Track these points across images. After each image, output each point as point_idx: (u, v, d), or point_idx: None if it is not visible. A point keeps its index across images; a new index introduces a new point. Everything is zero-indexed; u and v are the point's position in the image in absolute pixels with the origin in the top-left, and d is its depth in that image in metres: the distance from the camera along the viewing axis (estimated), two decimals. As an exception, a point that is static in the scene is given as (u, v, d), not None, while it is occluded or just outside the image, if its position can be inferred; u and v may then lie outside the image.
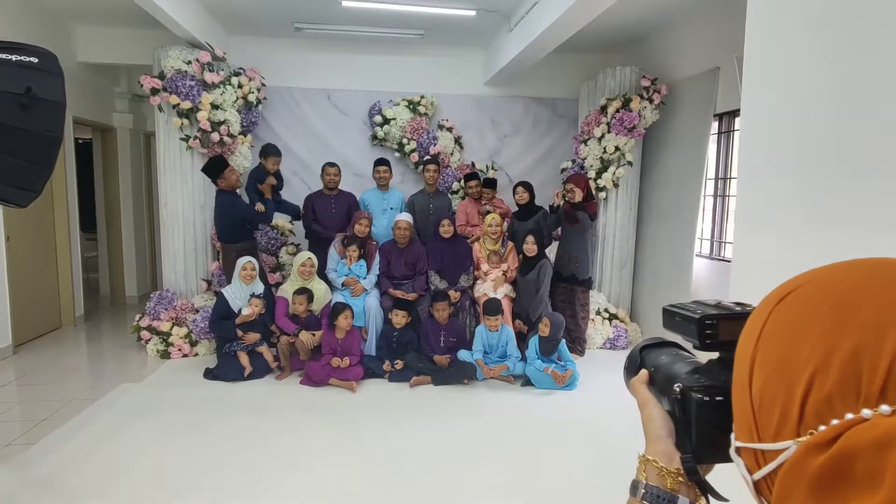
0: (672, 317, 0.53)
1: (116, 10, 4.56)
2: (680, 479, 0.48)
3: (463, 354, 3.95)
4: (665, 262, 4.71)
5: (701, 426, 0.47)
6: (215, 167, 4.20)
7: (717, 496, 0.48)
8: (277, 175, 4.63)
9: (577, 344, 4.55)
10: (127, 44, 5.15)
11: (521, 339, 4.16)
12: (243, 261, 4.03)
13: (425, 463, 2.74)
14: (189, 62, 4.43)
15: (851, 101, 1.34)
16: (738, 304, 0.51)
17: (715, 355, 0.51)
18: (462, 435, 3.09)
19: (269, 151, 4.49)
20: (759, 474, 0.36)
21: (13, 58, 1.74)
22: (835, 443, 0.30)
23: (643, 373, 0.56)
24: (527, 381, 3.87)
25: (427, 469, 2.68)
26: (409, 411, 3.43)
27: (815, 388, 0.33)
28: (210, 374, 3.92)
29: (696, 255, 4.40)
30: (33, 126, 1.73)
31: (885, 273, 0.34)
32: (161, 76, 4.42)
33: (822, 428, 0.32)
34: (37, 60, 1.76)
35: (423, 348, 4.04)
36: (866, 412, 0.30)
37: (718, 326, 0.48)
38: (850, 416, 0.30)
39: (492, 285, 4.36)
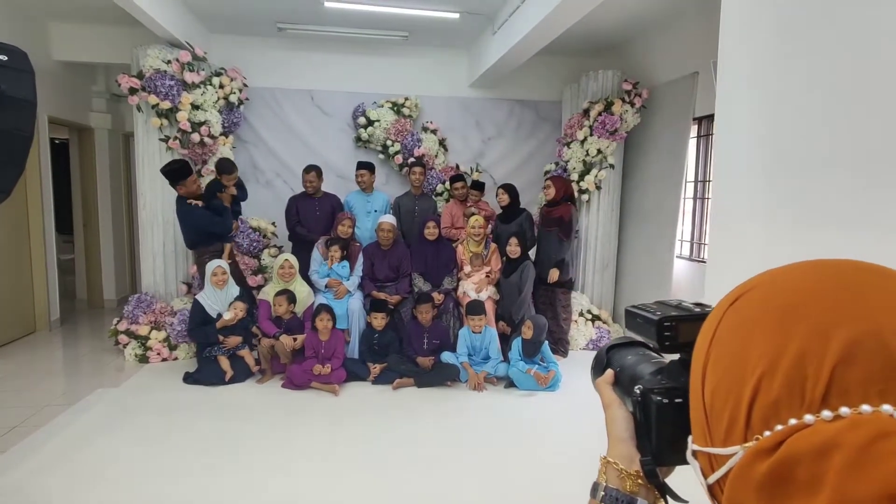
0: (633, 318, 0.53)
1: (93, 7, 4.48)
2: (639, 481, 0.48)
3: (447, 356, 3.95)
4: (646, 263, 4.77)
5: (661, 428, 0.46)
6: (178, 174, 3.96)
7: (677, 498, 0.47)
8: (241, 186, 4.45)
9: (560, 345, 4.58)
10: (104, 42, 5.05)
11: (504, 341, 4.17)
12: (212, 266, 3.95)
13: (408, 465, 2.73)
14: (168, 61, 4.36)
15: (823, 103, 1.36)
16: (698, 304, 0.51)
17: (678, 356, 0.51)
18: (445, 436, 3.08)
19: (224, 168, 4.24)
20: (712, 478, 0.36)
21: (-19, 55, 1.70)
22: (779, 448, 0.30)
23: (608, 373, 0.56)
24: (510, 383, 3.88)
25: (410, 471, 2.67)
26: (391, 413, 3.42)
27: (761, 393, 0.32)
28: (190, 378, 3.85)
29: (677, 257, 4.47)
30: (2, 125, 1.68)
31: (835, 276, 0.34)
32: (140, 75, 4.35)
33: (768, 433, 0.31)
34: (6, 58, 1.72)
35: (407, 350, 4.02)
36: (809, 418, 0.30)
37: (678, 328, 0.48)
38: (793, 421, 0.30)
39: (474, 287, 4.36)
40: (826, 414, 0.29)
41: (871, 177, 1.24)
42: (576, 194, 4.99)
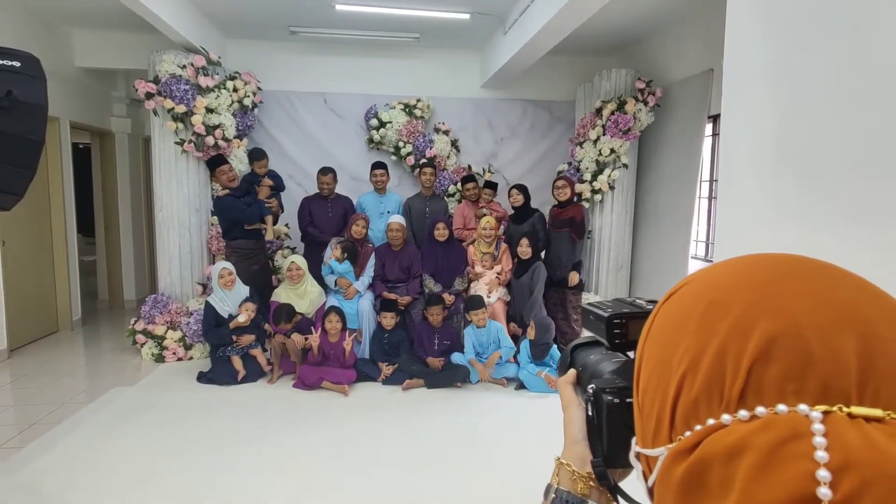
0: (587, 315, 0.51)
1: (113, 15, 4.58)
2: (591, 483, 0.47)
3: (456, 357, 3.94)
4: (661, 264, 4.69)
5: (612, 429, 0.45)
6: (210, 164, 4.37)
7: (630, 501, 0.46)
8: (275, 176, 4.63)
9: (572, 347, 4.53)
10: (124, 48, 5.18)
11: (515, 342, 4.15)
12: (218, 268, 4.06)
13: (418, 465, 2.73)
14: (183, 66, 4.44)
15: (830, 102, 1.32)
16: (651, 301, 0.49)
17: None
18: (455, 437, 3.08)
19: (254, 155, 4.62)
20: (650, 480, 0.35)
21: (-5, 62, 1.75)
22: (695, 449, 0.29)
23: (570, 372, 0.55)
24: (521, 385, 3.85)
25: (419, 471, 2.67)
26: (401, 414, 3.42)
27: (684, 392, 0.31)
28: (203, 377, 3.92)
29: (692, 257, 4.39)
30: (14, 129, 1.73)
31: (762, 271, 0.33)
32: (156, 80, 4.44)
33: (688, 433, 0.30)
34: (19, 64, 1.76)
35: (417, 351, 4.03)
36: (726, 418, 0.29)
37: (628, 325, 0.47)
38: (711, 421, 0.29)
39: (486, 288, 4.35)
40: (742, 414, 0.28)
41: (880, 177, 1.20)
42: (589, 194, 4.94)
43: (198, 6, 4.42)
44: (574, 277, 4.42)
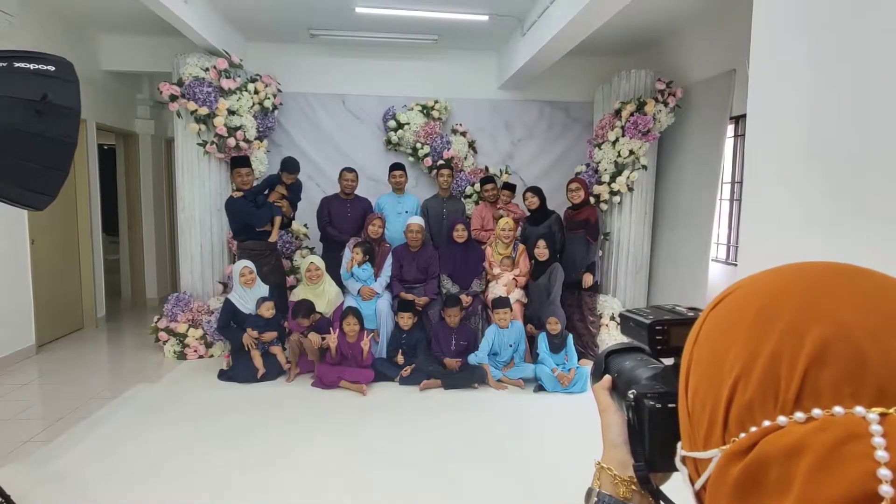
0: (627, 322, 0.52)
1: (138, 19, 4.69)
2: (633, 487, 0.47)
3: (474, 358, 3.95)
4: (680, 266, 4.64)
5: (654, 434, 0.46)
6: (232, 163, 4.45)
7: None
8: (296, 189, 4.63)
9: (589, 349, 4.51)
10: (148, 52, 5.29)
11: (532, 343, 4.15)
12: (239, 266, 4.12)
13: (434, 466, 2.74)
14: (206, 69, 4.53)
15: (858, 103, 1.30)
16: (691, 308, 0.50)
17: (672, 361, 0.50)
18: (471, 439, 3.08)
19: (285, 165, 4.50)
20: (698, 484, 0.35)
21: (31, 66, 1.80)
22: (752, 451, 0.30)
23: (606, 378, 0.56)
24: (539, 388, 3.85)
25: (435, 472, 2.68)
26: (418, 414, 3.44)
27: (737, 395, 0.32)
28: (224, 375, 3.98)
29: (712, 260, 4.33)
30: (49, 132, 1.78)
31: (809, 278, 0.34)
32: (179, 83, 4.53)
33: (743, 435, 0.31)
34: (53, 69, 1.82)
35: (434, 351, 4.04)
36: (782, 419, 0.29)
37: (669, 332, 0.48)
38: (767, 423, 0.30)
39: (504, 289, 4.35)
40: (799, 415, 0.29)
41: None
42: (607, 196, 4.91)
43: (220, 10, 4.50)
44: (588, 279, 4.40)
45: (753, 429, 0.31)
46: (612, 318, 4.82)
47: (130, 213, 6.33)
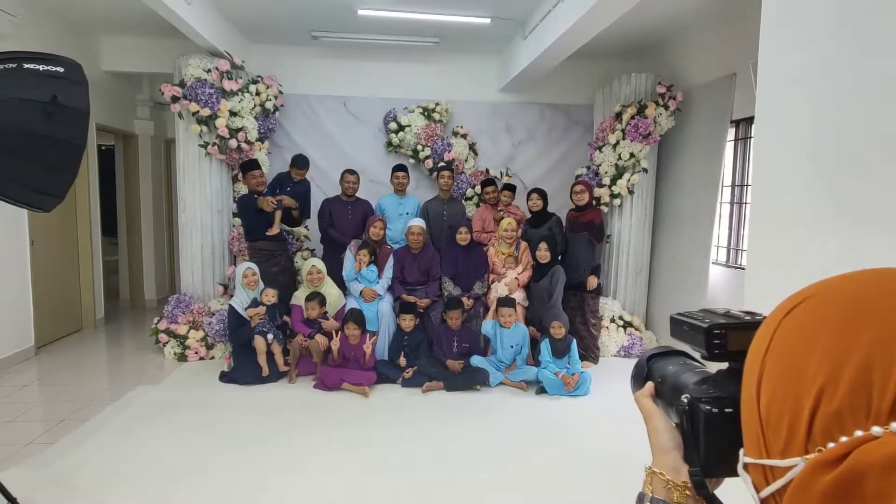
0: (680, 326, 0.52)
1: (139, 20, 4.68)
2: (687, 492, 0.47)
3: (476, 360, 3.95)
4: (681, 269, 4.66)
5: (709, 439, 0.45)
6: (243, 168, 4.44)
7: None
8: (302, 196, 4.58)
9: (591, 352, 4.52)
10: (149, 53, 5.28)
11: (535, 346, 4.15)
12: (242, 268, 4.13)
13: (436, 468, 2.74)
14: (208, 70, 4.52)
15: (867, 105, 1.32)
16: (747, 313, 0.50)
17: (724, 365, 0.49)
18: (473, 441, 3.08)
19: (295, 161, 4.55)
20: (766, 492, 0.35)
21: (41, 68, 1.80)
22: (843, 461, 0.29)
23: (648, 385, 0.55)
24: (541, 390, 3.85)
25: (437, 474, 2.68)
26: (420, 416, 3.44)
27: (823, 404, 0.32)
28: (225, 377, 3.97)
29: (713, 263, 4.35)
30: (57, 133, 1.78)
31: (888, 282, 0.33)
32: (181, 84, 4.52)
33: (831, 445, 0.31)
34: (63, 70, 1.82)
35: (436, 353, 4.04)
36: (876, 430, 0.29)
37: (727, 336, 0.47)
38: (859, 433, 0.29)
39: (506, 289, 4.36)
40: (895, 426, 0.29)
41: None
42: (608, 199, 4.93)
43: (223, 12, 4.50)
44: (592, 281, 4.41)
45: (844, 438, 0.30)
46: (613, 321, 4.84)
47: (129, 215, 6.31)
